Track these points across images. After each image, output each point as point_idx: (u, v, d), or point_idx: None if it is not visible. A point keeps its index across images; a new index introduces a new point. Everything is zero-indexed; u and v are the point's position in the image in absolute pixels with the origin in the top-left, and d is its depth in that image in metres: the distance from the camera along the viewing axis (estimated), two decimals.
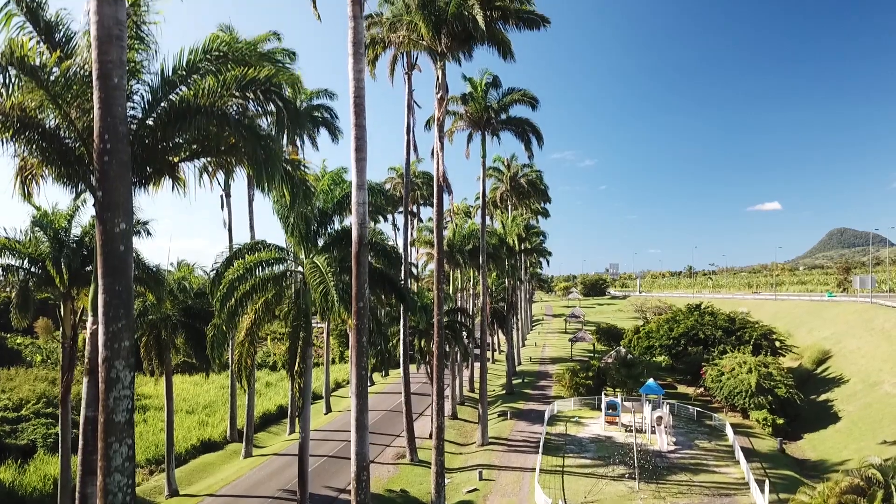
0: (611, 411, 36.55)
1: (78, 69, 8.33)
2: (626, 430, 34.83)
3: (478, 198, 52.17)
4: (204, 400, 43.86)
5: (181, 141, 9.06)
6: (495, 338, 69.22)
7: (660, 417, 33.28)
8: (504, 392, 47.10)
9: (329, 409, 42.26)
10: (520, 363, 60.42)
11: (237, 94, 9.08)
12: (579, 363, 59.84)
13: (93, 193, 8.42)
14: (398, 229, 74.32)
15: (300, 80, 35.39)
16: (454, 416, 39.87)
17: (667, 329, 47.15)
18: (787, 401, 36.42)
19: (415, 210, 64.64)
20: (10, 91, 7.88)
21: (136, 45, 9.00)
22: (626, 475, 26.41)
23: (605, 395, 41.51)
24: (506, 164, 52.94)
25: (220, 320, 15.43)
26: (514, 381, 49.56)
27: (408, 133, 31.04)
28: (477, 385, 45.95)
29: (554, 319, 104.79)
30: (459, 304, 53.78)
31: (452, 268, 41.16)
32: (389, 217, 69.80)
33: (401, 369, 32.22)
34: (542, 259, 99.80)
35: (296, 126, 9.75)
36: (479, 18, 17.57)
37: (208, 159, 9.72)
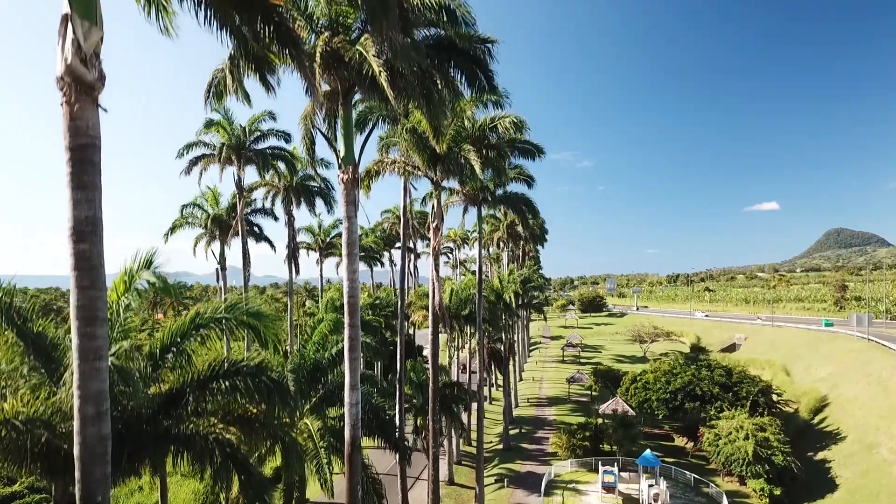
0: (608, 481, 36.48)
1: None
2: (622, 501, 34.85)
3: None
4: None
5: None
6: (492, 376, 69.08)
7: (657, 494, 33.25)
8: (501, 446, 47.01)
9: None
10: (517, 405, 60.34)
11: (225, 381, 9.00)
12: (577, 405, 59.99)
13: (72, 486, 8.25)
14: (395, 264, 74.34)
15: (296, 155, 35.42)
16: (451, 482, 39.74)
17: (664, 382, 47.05)
18: (785, 468, 36.40)
19: (411, 246, 64.73)
20: None
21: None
22: None
23: (603, 455, 41.57)
24: (503, 211, 52.83)
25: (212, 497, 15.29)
26: (511, 432, 49.46)
27: (404, 214, 30.83)
28: (474, 434, 45.85)
29: (552, 343, 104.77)
30: (459, 353, 53.69)
31: (449, 331, 41.07)
32: (386, 254, 69.84)
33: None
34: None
35: (284, 403, 9.66)
36: (477, 167, 17.42)
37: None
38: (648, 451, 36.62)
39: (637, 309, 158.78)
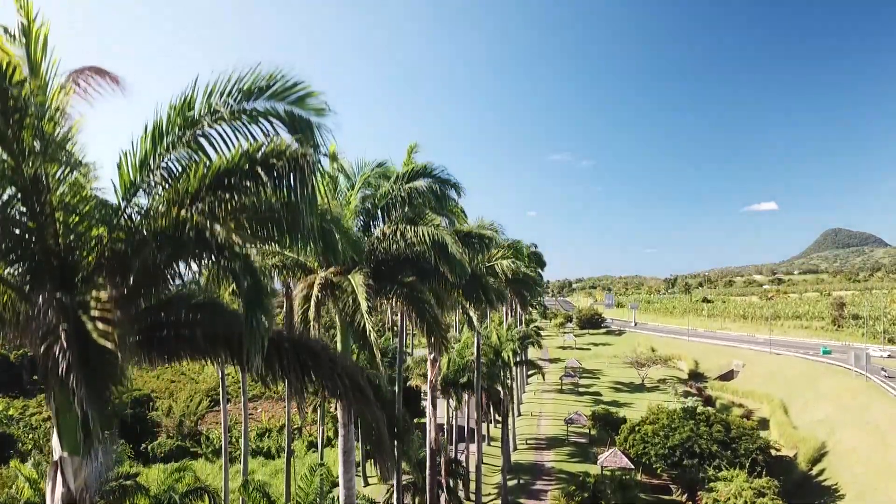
0: None
1: None
2: None
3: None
4: None
5: None
6: (490, 414, 68.97)
7: None
8: (499, 502, 46.94)
9: None
10: (515, 448, 60.22)
11: None
12: (575, 448, 59.99)
13: None
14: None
15: None
16: None
17: (662, 437, 47.01)
18: None
19: None
20: None
21: None
22: None
23: None
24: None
25: None
26: (509, 482, 49.40)
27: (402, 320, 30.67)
28: (473, 485, 45.85)
29: (550, 366, 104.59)
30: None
31: (447, 398, 41.12)
32: None
33: None
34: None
35: None
36: (475, 318, 17.46)
37: None
38: None
39: (635, 325, 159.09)
